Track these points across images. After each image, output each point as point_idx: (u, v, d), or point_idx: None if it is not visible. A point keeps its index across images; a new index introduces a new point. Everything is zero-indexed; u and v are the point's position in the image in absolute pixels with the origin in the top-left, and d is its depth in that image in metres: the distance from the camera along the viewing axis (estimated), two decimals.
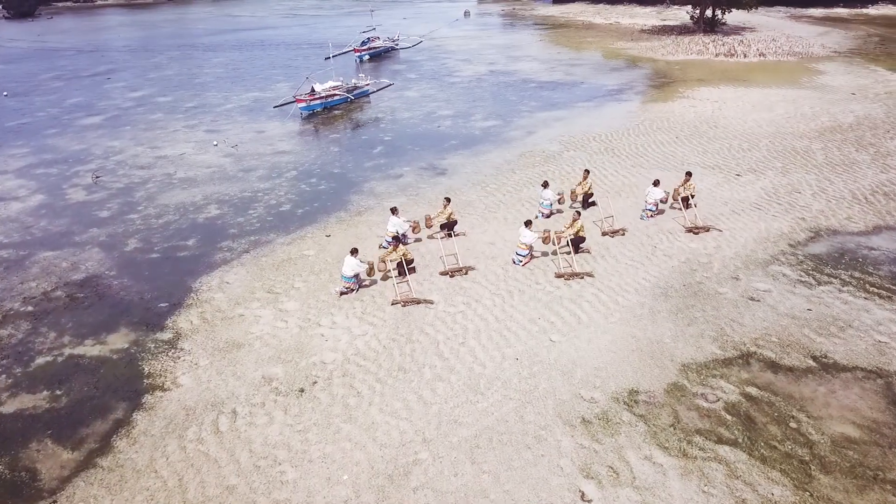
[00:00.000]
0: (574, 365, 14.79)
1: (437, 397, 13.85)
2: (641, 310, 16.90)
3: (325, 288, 18.42)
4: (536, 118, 35.85)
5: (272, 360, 15.30)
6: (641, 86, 43.15)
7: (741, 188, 24.82)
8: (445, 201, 21.20)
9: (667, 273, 18.69)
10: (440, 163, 29.01)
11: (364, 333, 16.22)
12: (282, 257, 20.45)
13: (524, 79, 46.25)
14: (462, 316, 16.82)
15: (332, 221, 23.14)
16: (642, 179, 25.76)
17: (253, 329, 16.57)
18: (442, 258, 19.78)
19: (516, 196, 24.78)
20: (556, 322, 16.43)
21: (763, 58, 51.70)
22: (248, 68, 53.04)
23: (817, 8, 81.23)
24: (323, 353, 15.46)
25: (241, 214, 23.90)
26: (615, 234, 21.19)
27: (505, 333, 16.01)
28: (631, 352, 15.21)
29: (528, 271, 19.03)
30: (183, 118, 37.79)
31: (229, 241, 21.79)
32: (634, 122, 34.16)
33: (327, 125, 36.20)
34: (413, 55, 58.10)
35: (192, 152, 31.33)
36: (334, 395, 14.01)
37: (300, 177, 27.72)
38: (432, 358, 15.16)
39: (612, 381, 14.25)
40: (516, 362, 14.92)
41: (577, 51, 57.46)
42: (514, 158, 29.16)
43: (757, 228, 21.31)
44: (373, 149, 31.43)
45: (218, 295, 18.30)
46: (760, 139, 30.65)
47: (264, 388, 14.34)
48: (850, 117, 33.98)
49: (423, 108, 38.80)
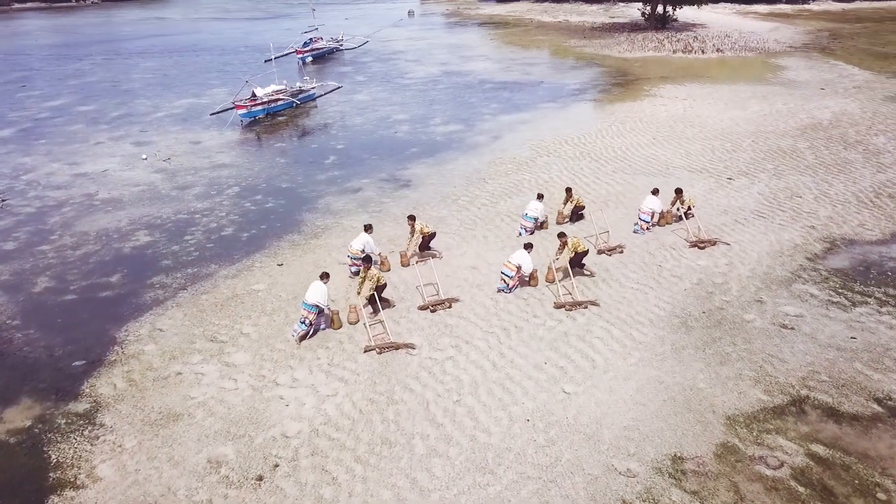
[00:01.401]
0: (598, 425, 12.03)
1: (435, 481, 10.88)
2: (663, 346, 14.29)
3: (280, 333, 15.23)
4: (500, 121, 33.19)
5: (220, 435, 12.07)
6: (604, 84, 41.03)
7: (737, 194, 22.62)
8: (410, 220, 18.25)
9: (681, 298, 16.17)
10: (402, 174, 26.00)
11: (334, 393, 13.12)
12: (226, 294, 17.14)
13: (480, 79, 43.61)
14: (452, 364, 13.89)
15: (283, 246, 19.89)
16: (628, 187, 23.35)
17: (193, 392, 13.28)
18: (419, 288, 16.81)
19: (493, 210, 21.99)
20: (566, 367, 13.66)
21: (721, 53, 50.41)
22: (180, 73, 48.89)
23: (761, 5, 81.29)
24: (284, 424, 12.31)
25: (175, 241, 20.41)
26: (612, 251, 18.61)
27: (508, 385, 13.15)
28: (663, 403, 12.55)
29: (522, 302, 16.23)
30: (107, 129, 33.75)
31: (162, 275, 18.33)
32: (605, 123, 31.85)
33: (271, 133, 32.76)
34: (359, 56, 54.87)
35: (118, 168, 27.50)
36: (303, 484, 10.89)
37: (243, 193, 24.32)
38: (423, 424, 12.18)
39: (648, 444, 11.54)
40: (528, 425, 12.08)
41: (531, 49, 55.20)
42: (484, 167, 26.39)
43: (767, 241, 19.04)
44: (325, 159, 28.20)
45: (148, 347, 14.91)
46: (742, 139, 28.69)
47: (211, 477, 11.11)
48: (828, 113, 32.44)
49: (376, 113, 35.72)
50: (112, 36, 73.23)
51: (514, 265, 16.33)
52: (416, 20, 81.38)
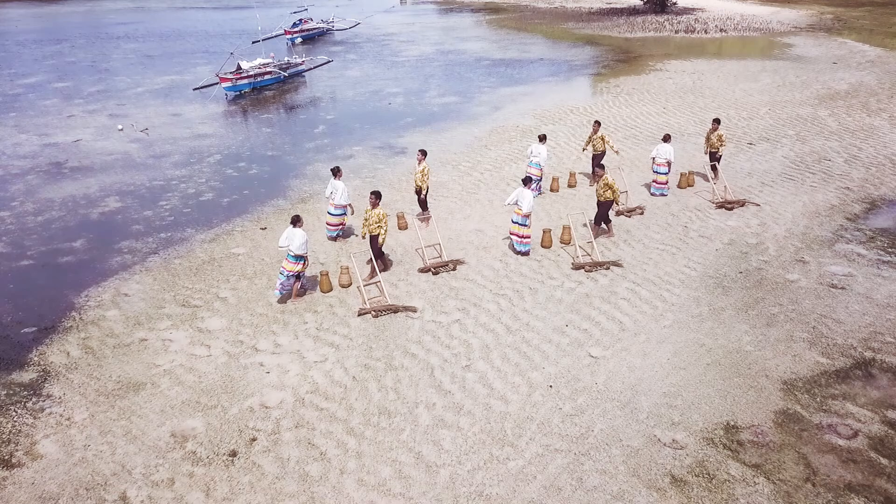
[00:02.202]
0: (634, 391, 10.24)
1: (444, 455, 9.05)
2: (699, 307, 12.51)
3: (262, 297, 13.37)
4: (500, 94, 31.38)
5: (188, 406, 10.21)
6: (606, 60, 39.28)
7: (760, 157, 20.89)
8: (420, 155, 16.31)
9: (712, 259, 14.41)
10: (397, 141, 24.15)
11: (323, 359, 11.27)
12: (202, 258, 15.26)
13: (477, 57, 41.77)
14: (459, 327, 12.07)
15: (267, 211, 18.02)
16: (641, 153, 21.61)
17: (159, 360, 11.40)
18: (420, 251, 14.98)
19: (497, 175, 20.18)
20: (591, 330, 11.86)
21: (724, 34, 48.77)
22: (164, 54, 46.75)
23: None
24: (264, 393, 10.46)
25: (148, 207, 18.50)
26: (632, 212, 16.84)
27: (525, 350, 11.34)
28: (706, 368, 10.76)
29: (535, 263, 14.43)
30: (82, 103, 31.71)
31: (132, 240, 16.43)
32: (611, 94, 30.08)
33: (257, 106, 30.83)
34: (351, 38, 52.91)
35: (91, 139, 25.51)
36: (285, 460, 9.05)
37: (226, 161, 22.41)
38: (427, 392, 10.35)
39: (694, 412, 9.75)
40: (551, 392, 10.27)
41: (527, 32, 53.41)
42: (485, 135, 24.57)
43: (800, 202, 17.32)
44: (314, 128, 26.33)
45: (111, 313, 13.01)
46: (758, 108, 26.98)
47: (175, 453, 9.25)
48: (844, 85, 30.78)
49: (369, 87, 33.84)
50: (95, 23, 70.95)
51: (524, 211, 14.34)
52: (408, 7, 79.45)
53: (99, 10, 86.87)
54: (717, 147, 18.46)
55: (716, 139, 18.41)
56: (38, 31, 63.88)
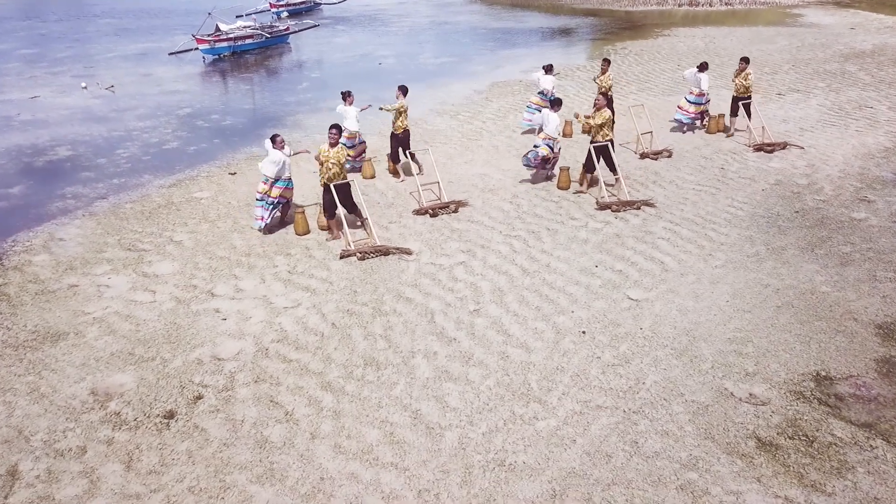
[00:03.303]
0: (690, 337, 8.00)
1: (451, 415, 6.80)
2: (754, 247, 10.30)
3: (224, 240, 11.07)
4: (499, 55, 29.12)
5: (117, 359, 7.91)
6: (610, 28, 37.10)
7: (794, 106, 18.73)
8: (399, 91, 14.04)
9: (760, 198, 12.20)
10: (388, 95, 21.73)
11: (295, 304, 8.99)
12: (158, 203, 12.94)
13: (472, 27, 39.52)
14: (464, 269, 9.81)
15: (239, 158, 15.72)
16: (659, 102, 19.41)
17: (89, 307, 9.09)
18: (414, 194, 12.71)
19: (501, 123, 17.92)
20: (627, 271, 9.62)
21: (730, 6, 46.65)
22: (142, 25, 44.24)
23: None
24: (217, 342, 8.17)
25: (103, 155, 16.16)
26: (658, 155, 14.63)
27: (546, 292, 9.09)
28: (776, 310, 8.54)
29: (552, 204, 12.19)
30: (47, 66, 29.24)
31: (78, 186, 14.10)
32: (619, 55, 27.82)
33: (237, 68, 28.48)
34: (340, 12, 50.50)
35: (50, 96, 23.10)
36: (237, 423, 6.77)
37: (197, 114, 20.07)
38: (427, 340, 8.09)
39: (772, 361, 7.53)
40: (585, 338, 8.02)
41: (523, 8, 51.12)
42: (485, 89, 22.32)
43: (849, 145, 15.16)
44: (297, 85, 24.00)
45: (39, 258, 10.69)
46: (780, 65, 24.82)
47: (92, 414, 6.96)
48: (867, 45, 28.65)
49: (358, 51, 31.52)
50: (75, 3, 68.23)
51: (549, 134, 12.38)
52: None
53: None
54: (743, 91, 16.07)
55: (742, 81, 16.06)
56: (11, 8, 61.20)
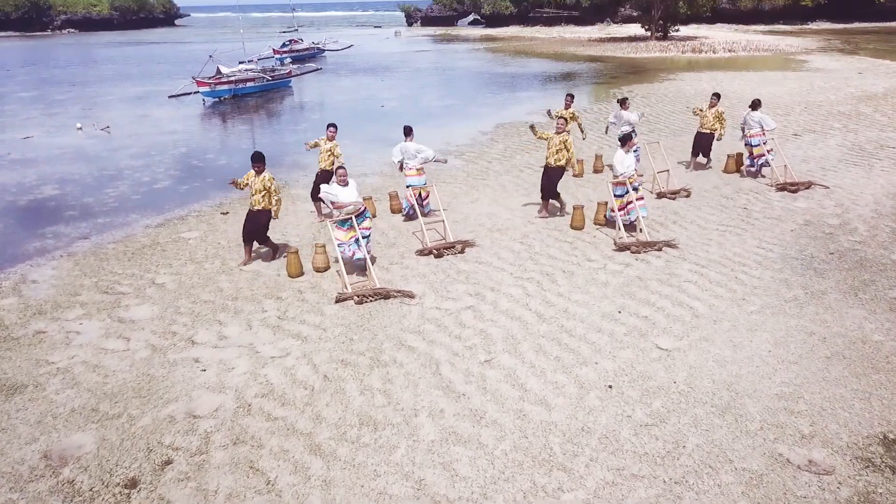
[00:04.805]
0: (733, 392, 7.02)
1: (461, 485, 5.78)
2: (791, 290, 9.36)
3: (211, 282, 10.16)
4: (504, 97, 28.72)
5: (78, 416, 6.92)
6: (615, 73, 36.89)
7: (812, 146, 18.03)
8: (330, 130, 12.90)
9: (791, 239, 11.32)
10: (390, 135, 21.10)
11: (284, 353, 8.02)
12: (143, 243, 12.08)
13: (476, 72, 39.38)
14: (473, 314, 8.87)
15: (233, 197, 14.92)
16: (673, 141, 18.77)
17: (55, 356, 8.13)
18: (417, 234, 11.85)
19: (508, 163, 17.22)
20: (653, 317, 8.67)
21: (734, 53, 46.69)
22: (144, 71, 44.20)
23: (760, 25, 78.74)
24: (194, 397, 7.18)
25: (90, 194, 15.40)
26: (676, 194, 13.82)
27: (566, 341, 8.13)
28: (827, 361, 7.57)
29: (566, 245, 11.31)
30: (44, 108, 28.85)
31: (60, 225, 13.27)
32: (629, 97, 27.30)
33: (237, 110, 28.00)
34: (343, 58, 50.63)
35: (43, 136, 22.52)
36: (209, 493, 5.76)
37: (192, 154, 19.42)
38: (431, 395, 7.10)
39: (830, 420, 6.53)
40: (612, 393, 7.03)
41: (527, 55, 51.28)
42: (491, 129, 21.74)
43: (877, 184, 14.37)
44: (298, 126, 23.45)
45: (7, 300, 9.77)
46: (792, 106, 24.30)
47: (41, 482, 5.96)
48: (879, 88, 28.22)
49: (361, 93, 31.16)
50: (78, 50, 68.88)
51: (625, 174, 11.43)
52: (403, 39, 77.91)
53: (86, 43, 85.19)
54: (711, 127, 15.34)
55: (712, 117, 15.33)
56: (16, 57, 61.66)
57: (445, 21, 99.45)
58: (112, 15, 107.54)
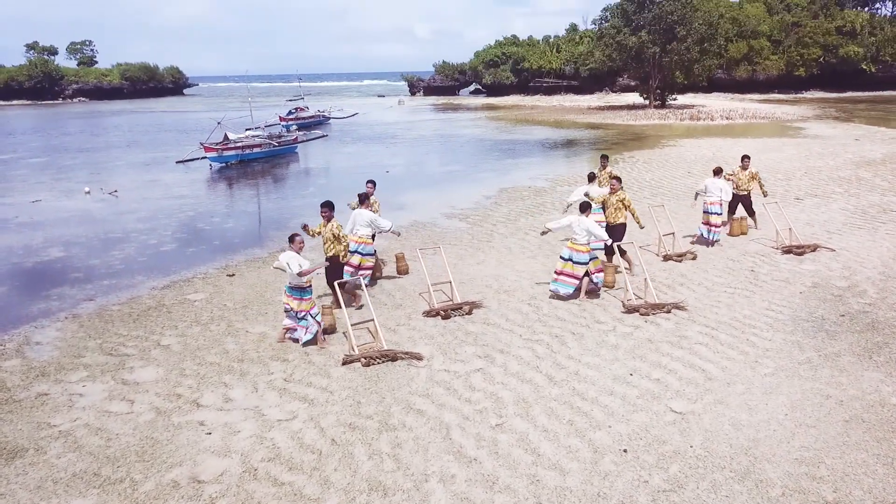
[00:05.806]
0: (751, 457, 6.84)
1: None
2: (804, 353, 9.25)
3: (216, 344, 10.06)
4: (506, 163, 29.11)
5: (78, 480, 6.74)
6: (616, 139, 37.49)
7: (815, 210, 18.15)
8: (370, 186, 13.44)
9: (800, 301, 11.25)
10: (395, 199, 21.38)
11: (290, 417, 7.87)
12: (148, 304, 12.03)
13: (478, 138, 40.06)
14: (482, 377, 8.74)
15: (239, 260, 14.95)
16: (676, 206, 18.86)
17: (57, 419, 7.98)
18: (424, 296, 11.81)
19: (513, 226, 17.31)
20: (665, 379, 8.54)
21: (731, 121, 47.55)
22: (153, 139, 44.96)
23: (754, 94, 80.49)
24: (199, 461, 7.00)
25: (97, 256, 15.44)
26: (682, 257, 13.82)
27: (578, 404, 7.98)
28: (846, 425, 7.41)
29: (574, 307, 11.24)
30: (53, 173, 29.25)
31: (66, 287, 13.25)
32: (628, 163, 27.77)
33: (244, 175, 28.37)
34: (348, 126, 51.63)
35: (51, 199, 22.76)
36: None
37: (198, 217, 19.55)
38: (442, 460, 6.92)
39: (853, 486, 6.35)
40: (627, 458, 6.86)
41: (528, 122, 52.29)
42: (494, 194, 21.94)
43: (883, 247, 14.38)
44: (304, 190, 23.71)
45: (10, 362, 9.66)
46: (793, 172, 24.58)
47: None
48: (877, 154, 28.63)
49: (366, 160, 31.59)
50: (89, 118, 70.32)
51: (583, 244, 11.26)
52: (406, 108, 79.57)
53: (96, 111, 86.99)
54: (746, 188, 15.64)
55: (746, 178, 15.65)
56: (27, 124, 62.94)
57: (447, 90, 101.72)
58: (122, 84, 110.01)
